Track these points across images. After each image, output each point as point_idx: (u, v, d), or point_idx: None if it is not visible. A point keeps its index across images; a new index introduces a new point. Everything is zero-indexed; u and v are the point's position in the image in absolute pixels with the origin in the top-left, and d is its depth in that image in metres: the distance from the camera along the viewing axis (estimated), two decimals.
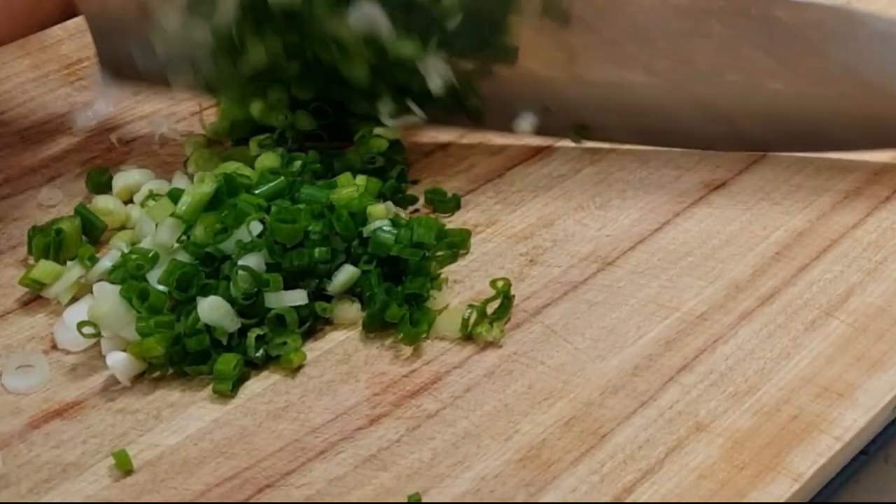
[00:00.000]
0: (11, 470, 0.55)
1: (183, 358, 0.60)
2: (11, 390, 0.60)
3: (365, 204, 0.65)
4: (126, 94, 0.78)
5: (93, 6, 0.75)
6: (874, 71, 0.69)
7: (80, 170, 0.75)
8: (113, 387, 0.60)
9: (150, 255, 0.63)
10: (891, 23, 0.69)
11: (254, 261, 0.62)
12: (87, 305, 0.61)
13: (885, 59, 0.69)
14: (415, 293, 0.63)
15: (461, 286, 0.66)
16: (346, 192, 0.66)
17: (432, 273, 0.65)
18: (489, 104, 0.75)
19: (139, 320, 0.60)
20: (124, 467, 0.55)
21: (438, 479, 0.55)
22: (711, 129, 0.73)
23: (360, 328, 0.63)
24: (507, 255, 0.68)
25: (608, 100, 0.73)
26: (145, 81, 0.76)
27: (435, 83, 0.72)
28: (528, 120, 0.75)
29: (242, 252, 0.62)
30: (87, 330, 0.60)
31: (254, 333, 0.61)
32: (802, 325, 0.62)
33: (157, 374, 0.60)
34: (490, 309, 0.63)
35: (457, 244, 0.68)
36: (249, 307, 0.61)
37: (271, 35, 0.71)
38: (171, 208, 0.64)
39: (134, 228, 0.68)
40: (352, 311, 0.63)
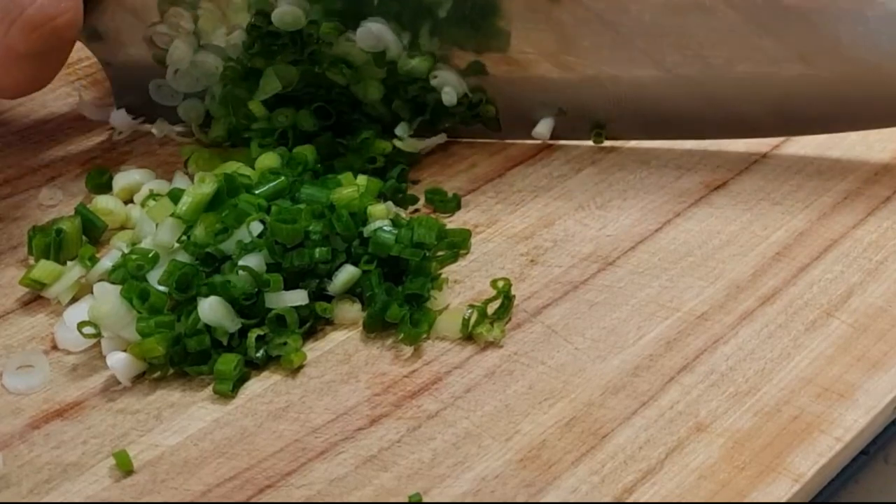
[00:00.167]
0: (12, 470, 0.55)
1: (183, 358, 0.60)
2: (12, 390, 0.60)
3: (365, 204, 0.65)
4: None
5: (107, 52, 0.75)
6: (887, 50, 0.68)
7: (81, 170, 0.75)
8: (113, 387, 0.60)
9: (151, 255, 0.63)
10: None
11: (254, 261, 0.62)
12: (88, 305, 0.61)
13: (893, 36, 0.68)
14: (415, 293, 0.63)
15: (462, 286, 0.66)
16: (347, 193, 0.66)
17: (433, 273, 0.65)
18: (505, 112, 0.75)
19: (139, 320, 0.60)
20: (125, 468, 0.55)
21: (439, 479, 0.55)
22: (724, 120, 0.73)
23: (361, 328, 0.63)
24: (508, 255, 0.68)
25: (622, 98, 0.73)
26: (158, 114, 0.77)
27: (449, 96, 0.72)
28: (546, 125, 0.75)
29: (243, 252, 0.62)
30: (87, 330, 0.60)
31: (254, 334, 0.61)
32: (803, 326, 0.62)
33: (157, 374, 0.60)
34: (490, 309, 0.63)
35: (457, 244, 0.68)
36: (250, 307, 0.61)
37: (282, 62, 0.72)
38: (172, 208, 0.64)
39: (134, 228, 0.68)
40: (352, 311, 0.63)
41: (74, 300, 0.64)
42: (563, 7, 0.70)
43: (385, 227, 0.65)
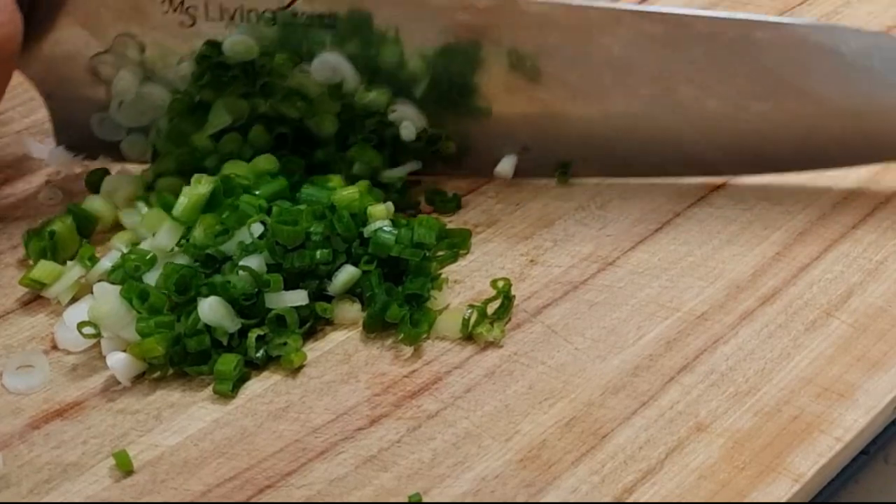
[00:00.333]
0: (12, 470, 0.55)
1: (183, 358, 0.60)
2: (12, 390, 0.60)
3: (366, 204, 0.65)
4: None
5: (47, 84, 0.72)
6: (858, 87, 0.67)
7: (82, 169, 0.75)
8: (113, 387, 0.60)
9: (148, 256, 0.63)
10: (874, 37, 0.68)
11: (255, 262, 0.62)
12: (88, 306, 0.61)
13: (868, 75, 0.67)
14: (415, 293, 0.63)
15: (462, 286, 0.66)
16: (348, 193, 0.66)
17: (433, 273, 0.65)
18: (465, 148, 0.72)
19: (139, 320, 0.60)
20: (125, 468, 0.55)
21: (439, 479, 0.55)
22: (690, 158, 0.71)
23: (361, 328, 0.63)
24: (508, 255, 0.68)
25: (589, 135, 0.71)
26: (102, 152, 0.73)
27: (407, 130, 0.70)
28: (509, 162, 0.72)
29: (244, 254, 0.62)
30: (87, 330, 0.60)
31: (254, 334, 0.61)
32: (803, 326, 0.62)
33: (157, 374, 0.60)
34: (490, 309, 0.63)
35: (457, 244, 0.68)
36: (250, 307, 0.61)
37: (233, 95, 0.69)
38: (165, 218, 0.64)
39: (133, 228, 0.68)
40: (352, 311, 0.63)
41: (74, 300, 0.64)
42: (544, 85, 0.69)
43: (385, 228, 0.65)
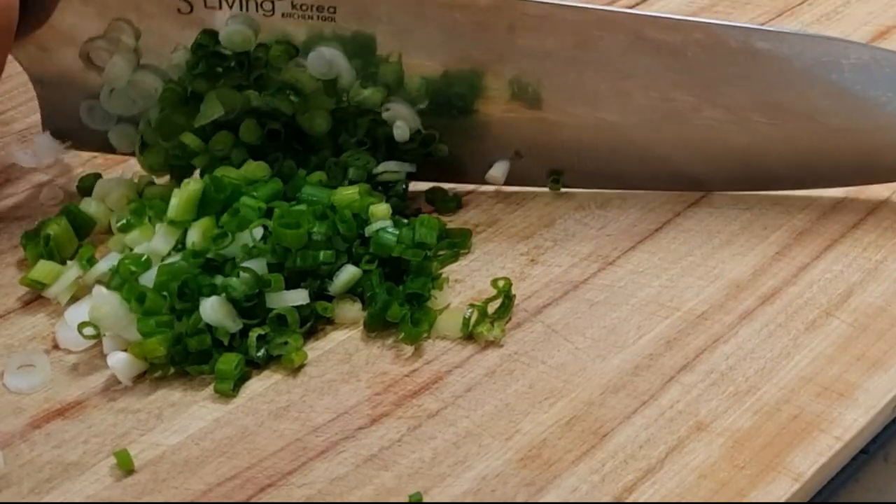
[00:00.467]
0: (13, 469, 0.55)
1: (184, 358, 0.60)
2: (13, 390, 0.60)
3: (367, 204, 0.65)
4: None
5: (36, 63, 0.70)
6: (857, 102, 0.67)
7: (82, 169, 0.75)
8: (114, 386, 0.60)
9: (143, 259, 0.63)
10: (873, 52, 0.67)
11: (256, 264, 0.62)
12: (89, 305, 0.61)
13: (868, 90, 0.67)
14: (416, 293, 0.63)
15: (462, 286, 0.66)
16: (348, 193, 0.66)
17: (433, 273, 0.65)
18: (458, 152, 0.71)
19: (140, 321, 0.60)
20: (126, 467, 0.55)
21: (439, 478, 0.55)
22: (690, 168, 0.71)
23: (362, 328, 0.63)
24: (508, 255, 0.68)
25: (583, 142, 0.70)
26: (90, 143, 0.72)
27: (401, 130, 0.69)
28: (501, 168, 0.71)
29: (246, 257, 0.62)
30: (87, 331, 0.60)
31: (255, 333, 0.61)
32: (803, 325, 0.62)
33: (158, 373, 0.60)
34: (491, 308, 0.63)
35: (458, 244, 0.68)
36: (251, 307, 0.61)
37: (226, 86, 0.68)
38: (151, 230, 0.64)
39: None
40: (353, 310, 0.63)
41: (75, 299, 0.64)
42: (548, 112, 0.69)
43: (387, 228, 0.65)
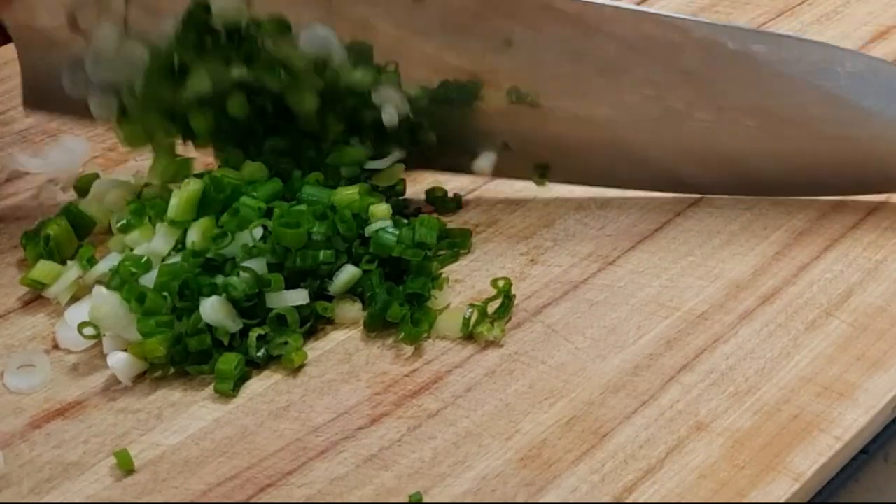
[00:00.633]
0: (13, 469, 0.55)
1: (184, 358, 0.60)
2: (13, 390, 0.60)
3: (367, 204, 0.65)
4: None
5: (21, 22, 0.69)
6: (851, 110, 0.67)
7: (82, 169, 0.75)
8: (114, 386, 0.60)
9: (143, 260, 0.63)
10: (870, 61, 0.67)
11: (256, 263, 0.62)
12: (89, 306, 0.61)
13: (863, 98, 0.66)
14: (416, 293, 0.63)
15: (462, 286, 0.66)
16: (348, 193, 0.66)
17: (433, 273, 0.65)
18: (445, 141, 0.71)
19: (140, 321, 0.60)
20: (126, 467, 0.55)
21: (439, 478, 0.55)
22: (680, 169, 0.71)
23: (362, 328, 0.63)
24: (508, 255, 0.68)
25: (573, 137, 0.70)
26: (69, 111, 0.71)
27: (389, 115, 0.68)
28: (488, 159, 0.71)
29: (246, 256, 0.62)
30: (87, 331, 0.60)
31: (255, 333, 0.61)
32: (803, 325, 0.62)
33: (158, 373, 0.60)
34: (491, 308, 0.63)
35: (458, 244, 0.68)
36: (251, 307, 0.61)
37: (214, 58, 0.67)
38: (151, 230, 0.64)
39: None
40: (353, 310, 0.63)
41: (75, 299, 0.64)
42: (537, 104, 0.69)
43: (387, 228, 0.65)
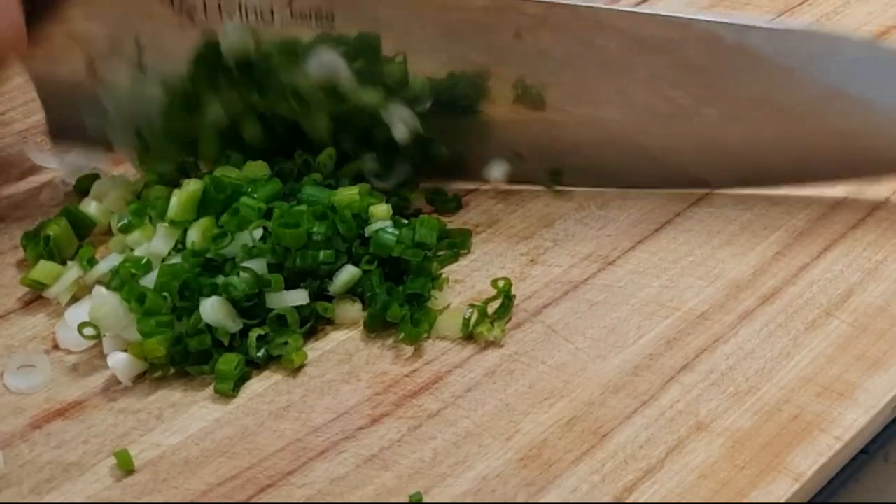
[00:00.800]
0: (13, 470, 0.55)
1: (184, 358, 0.60)
2: (13, 390, 0.60)
3: (367, 204, 0.65)
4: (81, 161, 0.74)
5: (41, 68, 0.72)
6: (854, 97, 0.67)
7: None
8: (114, 387, 0.60)
9: (143, 262, 0.63)
10: (870, 46, 0.67)
11: (256, 263, 0.62)
12: (89, 306, 0.61)
13: (865, 84, 0.66)
14: (416, 293, 0.63)
15: (462, 286, 0.66)
16: (348, 193, 0.66)
17: (433, 273, 0.65)
18: (456, 153, 0.72)
19: (140, 321, 0.60)
20: (126, 467, 0.55)
21: (440, 478, 0.55)
22: (690, 166, 0.71)
23: (362, 328, 0.63)
24: (508, 255, 0.68)
25: (583, 141, 0.70)
26: (93, 145, 0.73)
27: (400, 131, 0.69)
28: (500, 168, 0.72)
29: (246, 257, 0.62)
30: (87, 331, 0.60)
31: (255, 333, 0.61)
32: (803, 325, 0.62)
33: (158, 374, 0.60)
34: (491, 309, 0.63)
35: (458, 244, 0.68)
36: (251, 307, 0.61)
37: (227, 89, 0.69)
38: (151, 231, 0.64)
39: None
40: (353, 310, 0.63)
41: (75, 300, 0.64)
42: (549, 112, 0.69)
43: (387, 228, 0.65)
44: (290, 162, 0.69)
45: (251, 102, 0.69)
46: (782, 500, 0.53)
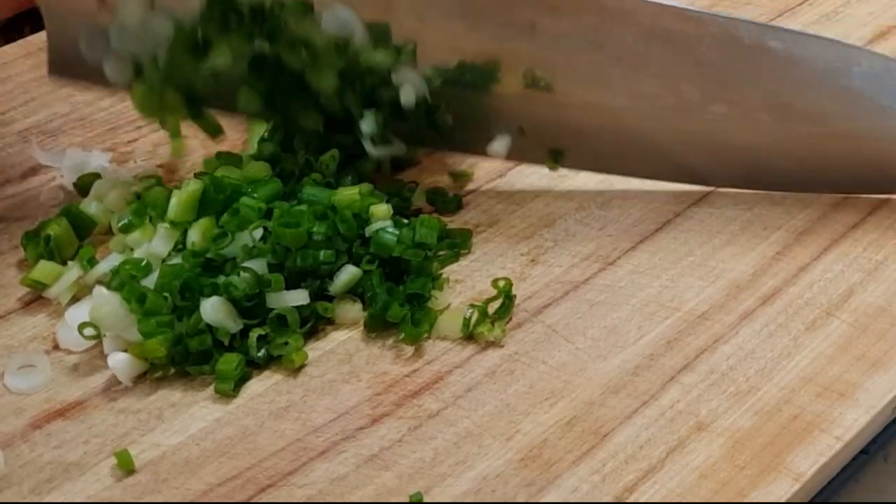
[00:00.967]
0: (14, 470, 0.55)
1: (185, 358, 0.60)
2: (14, 390, 0.60)
3: (367, 204, 0.65)
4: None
5: None
6: (865, 109, 0.67)
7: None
8: (115, 387, 0.60)
9: (143, 263, 0.63)
10: (885, 60, 0.67)
11: (256, 263, 0.62)
12: (89, 306, 0.61)
13: (877, 98, 0.66)
14: (416, 293, 0.63)
15: (463, 286, 0.66)
16: (349, 193, 0.66)
17: (434, 273, 0.65)
18: (461, 123, 0.71)
19: (140, 321, 0.60)
20: (126, 467, 0.55)
21: (440, 478, 0.55)
22: (692, 161, 0.71)
23: (362, 328, 0.63)
24: (509, 255, 0.68)
25: (588, 125, 0.70)
26: (91, 80, 0.72)
27: (408, 95, 0.69)
28: (503, 142, 0.72)
29: (247, 257, 0.62)
30: (87, 332, 0.60)
31: (255, 333, 0.61)
32: (803, 325, 0.62)
33: (158, 374, 0.60)
34: (491, 309, 0.63)
35: (458, 244, 0.68)
36: (251, 307, 0.61)
37: (237, 35, 0.68)
38: (151, 231, 0.65)
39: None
40: (353, 310, 0.63)
41: (76, 300, 0.64)
42: (557, 94, 0.69)
43: (387, 228, 0.65)
44: (292, 162, 0.69)
45: (259, 50, 0.68)
46: (782, 500, 0.53)
